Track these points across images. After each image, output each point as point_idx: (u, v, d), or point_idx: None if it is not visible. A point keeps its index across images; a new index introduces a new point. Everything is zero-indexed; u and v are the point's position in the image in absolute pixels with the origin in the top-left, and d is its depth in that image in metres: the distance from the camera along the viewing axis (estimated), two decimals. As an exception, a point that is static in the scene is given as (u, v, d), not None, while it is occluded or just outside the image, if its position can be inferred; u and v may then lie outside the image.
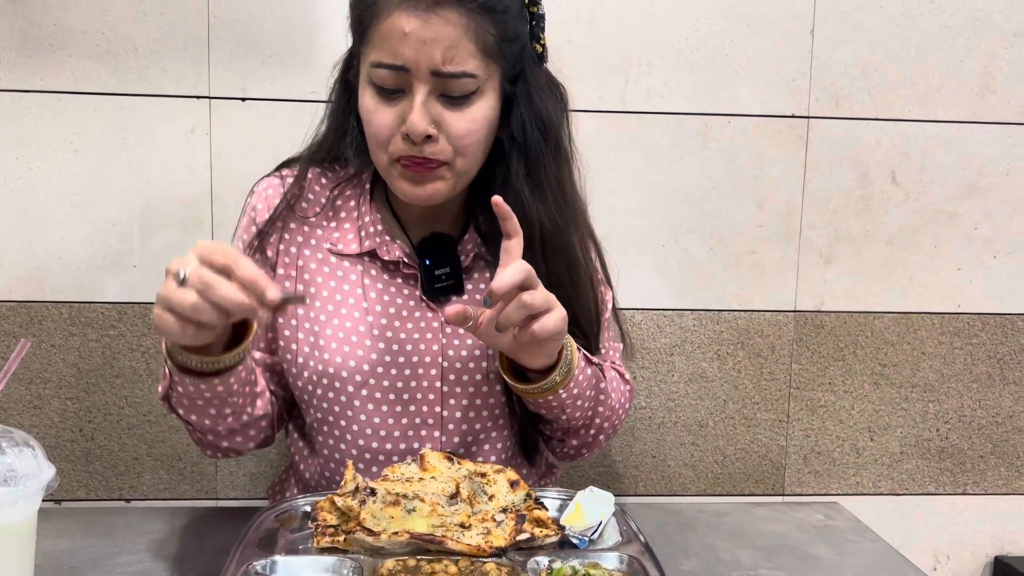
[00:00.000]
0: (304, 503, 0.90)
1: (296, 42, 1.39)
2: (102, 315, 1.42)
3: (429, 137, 0.90)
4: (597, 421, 1.01)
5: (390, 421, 0.99)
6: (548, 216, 0.96)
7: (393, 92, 0.90)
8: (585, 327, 0.99)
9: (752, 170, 1.49)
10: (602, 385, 0.99)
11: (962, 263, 1.55)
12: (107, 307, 1.42)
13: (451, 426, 1.00)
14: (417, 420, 0.99)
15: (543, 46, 0.97)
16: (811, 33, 1.47)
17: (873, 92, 1.49)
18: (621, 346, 1.13)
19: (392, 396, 0.98)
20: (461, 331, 0.99)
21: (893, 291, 1.55)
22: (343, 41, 1.39)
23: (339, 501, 0.84)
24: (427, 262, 0.99)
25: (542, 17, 0.97)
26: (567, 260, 0.98)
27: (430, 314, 1.00)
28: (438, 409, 0.99)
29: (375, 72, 0.90)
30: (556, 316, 0.86)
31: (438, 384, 0.99)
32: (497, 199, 0.86)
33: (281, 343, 1.01)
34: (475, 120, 0.91)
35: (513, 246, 0.87)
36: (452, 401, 1.00)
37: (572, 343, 0.93)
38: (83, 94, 1.37)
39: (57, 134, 1.38)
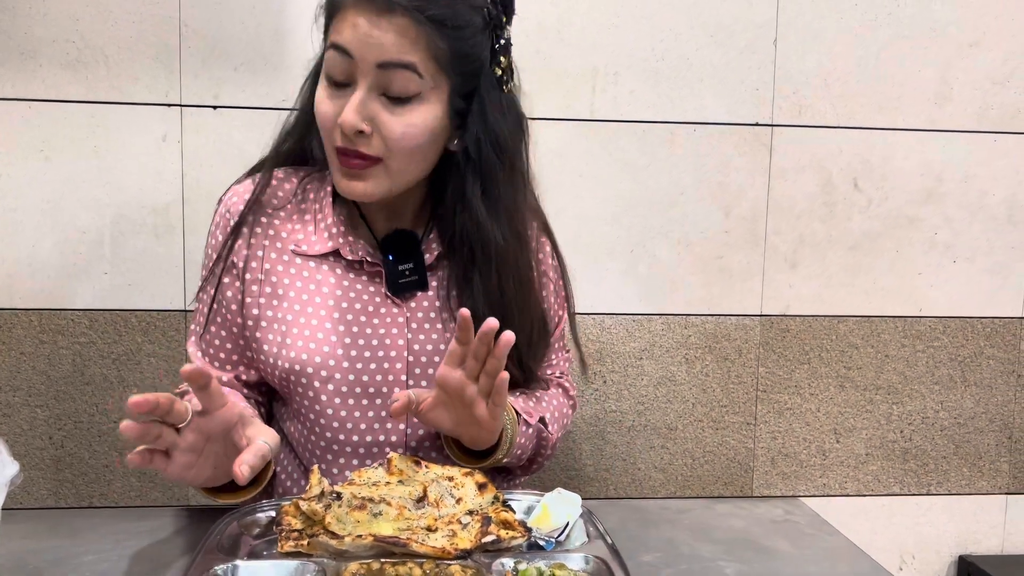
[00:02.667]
0: (269, 508, 0.89)
1: (267, 50, 1.41)
2: (72, 323, 1.42)
3: (361, 133, 0.92)
4: (539, 460, 1.08)
5: (357, 414, 1.00)
6: (501, 234, 0.98)
7: (342, 85, 0.93)
8: (523, 346, 1.00)
9: (718, 177, 1.52)
10: (544, 435, 1.05)
11: (923, 268, 1.58)
12: (78, 314, 1.43)
13: (416, 419, 1.01)
14: (384, 413, 1.01)
15: (504, 70, 0.98)
16: (774, 43, 1.50)
17: (835, 101, 1.53)
18: (571, 356, 1.17)
19: (359, 390, 1.00)
20: (427, 325, 1.02)
21: (857, 295, 1.58)
22: (313, 50, 1.41)
23: (304, 505, 0.83)
24: (391, 258, 1.01)
25: (507, 42, 0.98)
26: (517, 278, 1.00)
27: (395, 309, 1.02)
28: None
29: (328, 56, 0.93)
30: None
31: (403, 378, 1.00)
32: (463, 312, 0.89)
33: (254, 346, 1.02)
34: (413, 124, 0.92)
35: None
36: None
37: (511, 415, 0.98)
38: (54, 102, 1.38)
39: (28, 142, 1.38)
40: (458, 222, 0.99)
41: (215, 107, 1.41)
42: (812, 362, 1.58)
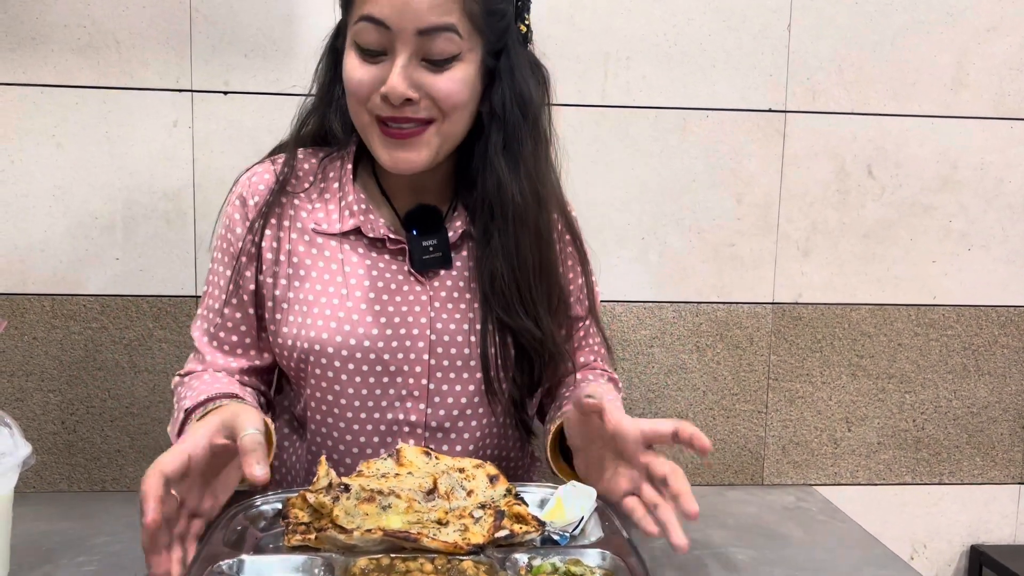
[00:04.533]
0: (275, 500, 0.86)
1: (277, 36, 1.40)
2: (84, 308, 1.43)
3: (409, 100, 0.91)
4: None
5: (378, 392, 0.99)
6: (521, 192, 0.97)
7: (376, 54, 0.91)
8: (542, 310, 1.00)
9: (730, 164, 1.51)
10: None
11: (937, 256, 1.57)
12: (89, 300, 1.43)
13: (437, 399, 1.01)
14: (404, 392, 1.00)
15: (528, 27, 0.99)
16: (788, 28, 1.49)
17: (849, 87, 1.51)
18: (604, 351, 1.14)
19: (379, 368, 0.99)
20: (449, 305, 1.01)
21: (870, 283, 1.57)
22: (324, 34, 1.40)
23: (311, 497, 0.81)
24: (414, 232, 1.00)
25: (527, 2, 0.99)
26: (537, 238, 0.99)
27: (418, 287, 1.01)
28: (424, 382, 1.00)
29: (359, 29, 0.91)
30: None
31: (425, 357, 0.99)
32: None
33: (272, 328, 1.02)
34: (457, 80, 0.92)
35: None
36: (439, 374, 1.00)
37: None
38: (65, 87, 1.38)
39: (40, 128, 1.39)
40: (480, 185, 0.98)
41: (226, 92, 1.41)
42: (824, 350, 1.57)
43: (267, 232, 1.01)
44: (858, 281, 1.56)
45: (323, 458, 0.88)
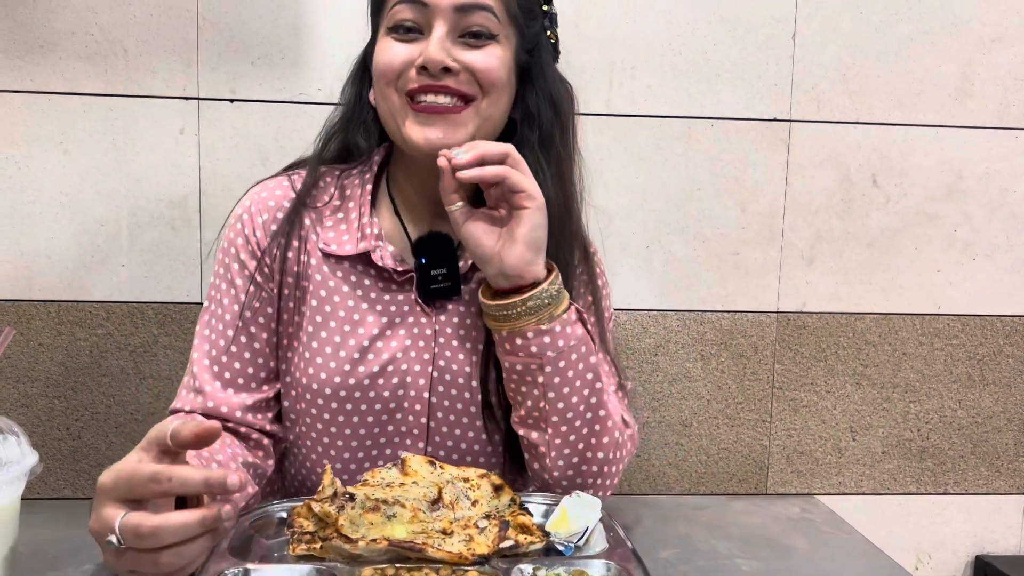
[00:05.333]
0: (280, 509, 0.87)
1: (284, 44, 1.41)
2: (90, 314, 1.43)
3: (447, 70, 0.89)
4: (596, 428, 0.92)
5: (376, 431, 0.96)
6: (555, 194, 0.95)
7: (411, 31, 0.90)
8: None
9: (735, 172, 1.51)
10: (592, 360, 0.92)
11: (942, 265, 1.57)
12: (95, 306, 1.43)
13: (437, 438, 0.98)
14: (403, 429, 0.97)
15: (556, 39, 1.01)
16: (792, 37, 1.49)
17: (854, 96, 1.51)
18: (616, 381, 1.04)
19: (379, 407, 0.96)
20: (454, 342, 0.97)
21: (874, 292, 1.56)
22: (331, 43, 1.41)
23: (316, 507, 0.80)
24: (423, 261, 0.96)
25: (554, 16, 1.01)
26: (562, 240, 0.96)
27: (423, 320, 0.97)
28: (424, 420, 0.97)
29: (393, 11, 0.90)
30: (537, 203, 0.87)
31: (425, 394, 0.96)
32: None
33: (289, 355, 0.98)
34: (495, 57, 0.91)
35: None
36: (440, 413, 0.97)
37: (563, 288, 0.91)
38: (73, 95, 1.39)
39: (47, 134, 1.39)
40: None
41: (232, 100, 1.41)
42: (829, 359, 1.57)
43: (286, 252, 0.97)
44: (863, 290, 1.56)
45: (328, 467, 0.86)
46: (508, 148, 0.88)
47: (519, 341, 0.89)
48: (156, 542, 0.66)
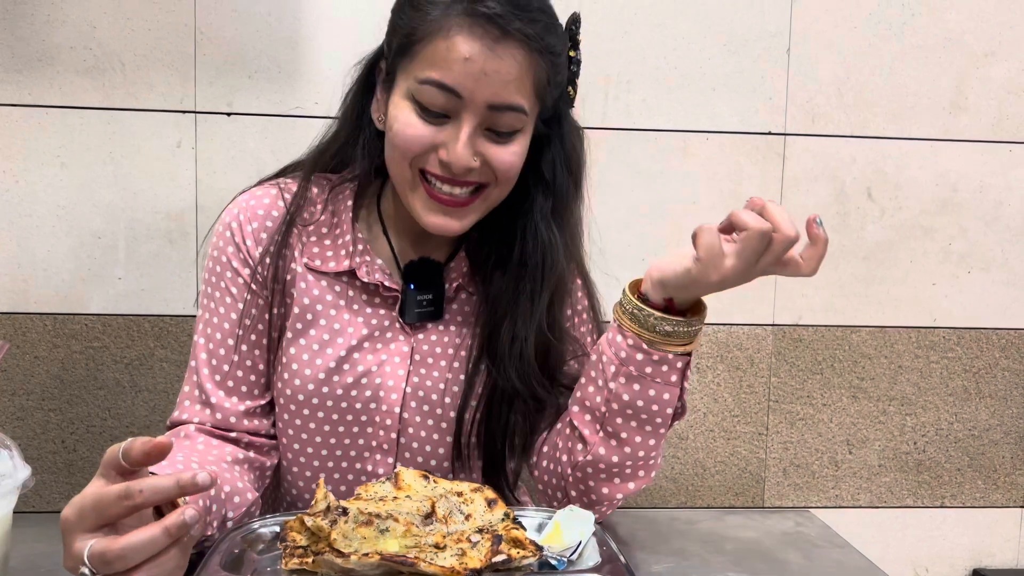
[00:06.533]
0: (272, 523, 0.86)
1: (281, 58, 1.42)
2: (86, 327, 1.43)
3: (471, 169, 0.89)
4: (640, 473, 0.96)
5: (346, 442, 0.97)
6: (566, 259, 0.96)
7: (438, 116, 0.88)
8: (556, 370, 0.98)
9: (730, 186, 1.52)
10: (668, 412, 0.95)
11: (937, 278, 1.57)
12: (91, 319, 1.43)
13: (407, 454, 0.98)
14: (373, 443, 0.98)
15: (575, 88, 0.97)
16: (787, 52, 1.50)
17: (848, 110, 1.52)
18: None
19: (350, 417, 0.97)
20: (430, 360, 0.98)
21: (870, 305, 1.57)
22: (328, 57, 1.42)
23: (309, 521, 0.80)
24: (411, 287, 0.97)
25: (579, 63, 0.97)
26: (566, 303, 0.99)
27: (402, 337, 0.98)
28: (394, 435, 0.98)
29: (423, 89, 0.86)
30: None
31: (396, 410, 0.97)
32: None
33: (284, 361, 0.98)
34: (516, 153, 0.90)
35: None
36: (411, 429, 0.98)
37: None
38: (71, 108, 1.39)
39: (44, 148, 1.40)
40: (520, 249, 0.95)
41: (229, 114, 1.42)
42: (824, 372, 1.57)
43: (277, 261, 0.97)
44: (858, 303, 1.57)
45: (321, 480, 0.86)
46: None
47: (672, 357, 0.92)
48: (126, 564, 0.65)
